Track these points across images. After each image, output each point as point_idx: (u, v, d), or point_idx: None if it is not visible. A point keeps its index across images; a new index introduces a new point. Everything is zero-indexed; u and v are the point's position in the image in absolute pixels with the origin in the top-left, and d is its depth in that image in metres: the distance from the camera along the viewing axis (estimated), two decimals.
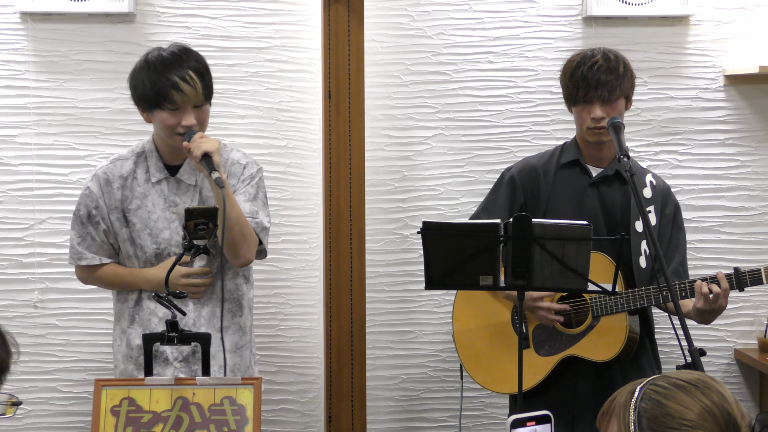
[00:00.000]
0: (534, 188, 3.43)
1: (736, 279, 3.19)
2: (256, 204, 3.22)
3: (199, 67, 3.14)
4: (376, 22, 3.97)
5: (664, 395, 1.61)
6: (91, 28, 3.91)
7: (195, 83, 3.08)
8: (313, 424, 4.06)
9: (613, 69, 3.27)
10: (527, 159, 3.53)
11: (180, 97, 3.07)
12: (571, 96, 3.33)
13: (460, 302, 3.53)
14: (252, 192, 3.23)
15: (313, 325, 4.04)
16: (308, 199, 4.02)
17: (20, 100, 3.91)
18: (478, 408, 4.11)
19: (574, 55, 3.38)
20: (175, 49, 3.15)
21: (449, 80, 4.04)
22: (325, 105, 3.75)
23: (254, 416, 2.57)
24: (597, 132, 3.29)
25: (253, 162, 3.28)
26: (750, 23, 4.07)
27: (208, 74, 3.17)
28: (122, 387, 2.61)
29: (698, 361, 2.71)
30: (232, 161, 3.24)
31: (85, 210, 3.23)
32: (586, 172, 3.40)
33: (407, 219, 4.06)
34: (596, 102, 3.27)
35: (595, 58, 3.29)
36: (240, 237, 3.11)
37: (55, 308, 3.95)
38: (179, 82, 3.07)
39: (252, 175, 3.24)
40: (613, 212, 3.36)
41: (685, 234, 3.46)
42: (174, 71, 3.08)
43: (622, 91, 3.28)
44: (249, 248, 3.15)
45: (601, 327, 3.32)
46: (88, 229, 3.24)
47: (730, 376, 4.16)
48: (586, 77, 3.26)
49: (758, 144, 4.12)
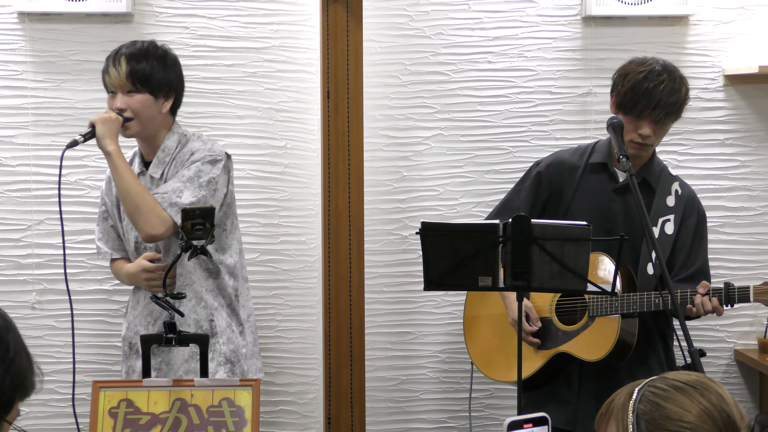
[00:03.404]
0: (560, 185, 3.43)
1: (725, 294, 3.23)
2: (186, 184, 3.20)
3: (135, 55, 3.24)
4: (375, 22, 3.96)
5: (663, 397, 1.60)
6: (89, 28, 3.90)
7: (120, 68, 3.22)
8: (312, 426, 4.05)
9: (676, 92, 3.23)
10: (558, 153, 3.52)
11: (108, 80, 3.26)
12: (625, 105, 3.26)
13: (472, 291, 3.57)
14: (187, 174, 3.22)
15: (312, 326, 4.03)
16: (307, 199, 4.01)
17: (18, 100, 3.90)
18: (478, 409, 4.10)
19: (638, 63, 3.30)
20: (141, 42, 3.30)
21: (448, 80, 4.03)
22: (323, 105, 3.74)
23: (253, 418, 2.57)
24: (639, 147, 3.28)
25: (206, 149, 3.27)
26: (750, 23, 4.06)
27: (144, 64, 3.23)
28: (120, 389, 2.60)
29: (698, 361, 2.71)
30: (187, 150, 3.29)
31: (101, 206, 3.45)
32: (613, 177, 3.39)
33: (406, 219, 4.05)
34: (649, 120, 3.24)
35: (662, 77, 3.23)
36: (133, 208, 3.15)
37: (53, 309, 3.95)
38: (109, 66, 3.25)
39: (195, 159, 3.25)
40: (634, 219, 3.34)
41: (706, 246, 3.46)
42: (113, 57, 3.27)
43: (676, 115, 3.26)
44: (147, 221, 3.15)
45: (594, 327, 3.32)
46: (103, 226, 3.44)
47: (729, 376, 4.15)
48: (650, 94, 3.21)
49: (758, 144, 4.11)
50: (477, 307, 3.58)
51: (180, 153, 3.29)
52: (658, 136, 3.27)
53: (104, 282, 3.94)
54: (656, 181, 3.39)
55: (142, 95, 3.23)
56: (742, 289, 3.23)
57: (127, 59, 3.23)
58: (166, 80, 3.27)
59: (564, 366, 3.39)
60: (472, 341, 3.59)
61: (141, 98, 3.24)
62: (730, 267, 4.12)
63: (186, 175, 3.21)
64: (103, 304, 3.93)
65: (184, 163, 3.25)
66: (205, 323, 3.29)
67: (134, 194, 3.15)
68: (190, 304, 3.28)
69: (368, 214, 3.88)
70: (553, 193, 3.43)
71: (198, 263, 3.28)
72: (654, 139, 3.27)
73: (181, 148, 3.30)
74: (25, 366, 1.69)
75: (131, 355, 3.37)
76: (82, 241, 3.92)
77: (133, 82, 3.23)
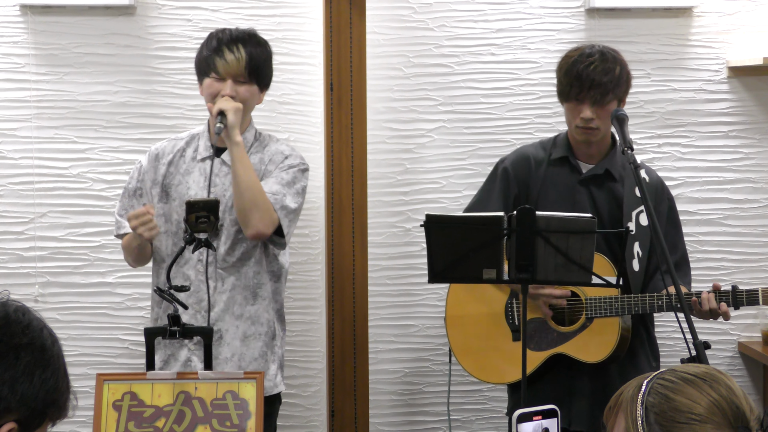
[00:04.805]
0: (526, 180, 3.41)
1: (732, 298, 3.20)
2: (286, 189, 3.22)
3: (252, 44, 3.23)
4: (378, 14, 3.95)
5: (672, 389, 1.59)
6: (92, 20, 3.89)
7: (240, 55, 3.19)
8: (316, 418, 4.05)
9: (609, 71, 3.23)
10: (521, 149, 3.52)
11: (222, 65, 3.19)
12: (563, 92, 3.31)
13: (455, 288, 3.51)
14: (286, 178, 3.24)
15: (316, 319, 4.03)
16: (310, 192, 3.98)
17: (20, 93, 3.89)
18: (481, 402, 4.10)
19: (573, 50, 3.35)
20: (243, 29, 3.29)
21: (451, 72, 4.02)
22: (326, 98, 3.73)
23: (257, 410, 2.56)
24: (585, 132, 3.28)
25: (297, 155, 3.32)
26: (754, 14, 4.05)
27: (261, 56, 3.25)
28: (124, 381, 2.60)
29: (703, 354, 2.70)
30: (275, 150, 3.30)
31: (134, 183, 3.36)
32: (575, 169, 3.38)
33: (409, 212, 4.05)
34: (587, 102, 3.24)
35: (592, 57, 3.25)
36: (251, 203, 3.11)
37: (56, 302, 3.94)
38: (225, 50, 3.18)
39: (291, 164, 3.28)
40: (602, 212, 3.33)
41: (682, 231, 3.44)
42: (226, 44, 3.21)
43: (615, 95, 3.25)
44: (261, 219, 3.13)
45: (593, 328, 3.30)
46: (132, 202, 3.34)
47: (733, 369, 4.15)
48: (581, 76, 3.23)
49: (762, 136, 4.10)
50: (460, 307, 3.50)
51: (265, 151, 3.28)
52: (601, 118, 3.25)
53: (107, 275, 3.93)
54: (619, 172, 3.37)
55: (250, 86, 3.23)
56: (750, 292, 3.21)
57: (245, 46, 3.21)
58: (270, 74, 3.32)
59: (555, 364, 3.37)
60: (459, 349, 3.50)
61: (250, 89, 3.23)
62: (734, 259, 4.11)
63: (285, 179, 3.23)
64: (107, 297, 3.92)
65: (277, 164, 3.25)
66: (276, 324, 3.34)
67: (255, 190, 3.12)
68: (264, 303, 3.29)
69: (371, 207, 3.87)
70: (521, 189, 3.42)
71: (267, 263, 3.28)
72: (598, 121, 3.26)
73: (260, 145, 3.30)
74: (62, 385, 1.70)
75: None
76: (85, 234, 3.92)
77: (249, 71, 3.21)
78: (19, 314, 1.69)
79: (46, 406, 1.67)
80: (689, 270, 3.43)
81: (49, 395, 1.67)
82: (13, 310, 1.69)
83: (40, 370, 1.66)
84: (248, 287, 3.25)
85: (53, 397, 1.68)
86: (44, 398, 1.66)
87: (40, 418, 1.67)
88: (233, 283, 3.23)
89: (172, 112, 3.93)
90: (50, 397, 1.67)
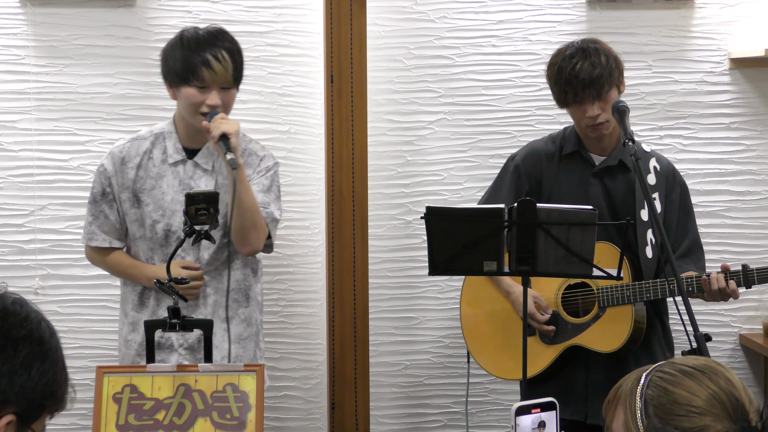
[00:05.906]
0: (538, 175, 3.41)
1: (743, 276, 3.18)
2: (268, 195, 3.21)
3: (232, 48, 3.15)
4: (379, 5, 3.93)
5: (671, 382, 1.59)
6: (92, 12, 3.88)
7: (226, 63, 3.10)
8: (316, 411, 4.05)
9: (596, 64, 3.22)
10: (532, 144, 3.51)
11: (209, 74, 3.08)
12: (560, 100, 3.30)
13: (469, 285, 3.51)
14: (266, 183, 3.22)
15: (316, 312, 4.02)
16: (310, 184, 4.00)
17: (20, 85, 3.88)
18: (482, 394, 4.10)
19: (554, 55, 3.33)
20: (212, 29, 3.17)
21: (452, 64, 4.01)
22: (327, 89, 3.72)
23: (257, 403, 2.56)
24: (596, 129, 3.27)
25: (270, 155, 3.28)
26: (755, 6, 4.03)
27: (240, 58, 3.17)
28: (124, 374, 2.59)
29: (704, 346, 2.70)
30: (249, 152, 3.24)
31: (100, 188, 3.24)
32: (588, 162, 3.38)
33: (410, 204, 4.04)
34: (588, 101, 3.23)
35: (575, 58, 3.24)
36: (251, 224, 3.10)
37: (56, 295, 3.94)
38: (211, 59, 3.08)
39: (268, 167, 3.24)
40: (616, 202, 3.34)
41: (694, 217, 3.44)
42: (207, 49, 3.10)
43: (610, 84, 3.24)
44: (258, 237, 3.14)
45: (606, 318, 3.30)
46: (101, 207, 3.23)
47: (735, 361, 4.15)
48: (571, 80, 3.22)
49: (763, 128, 4.10)
50: (474, 305, 3.51)
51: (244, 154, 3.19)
52: (606, 110, 3.25)
53: None
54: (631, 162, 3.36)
55: (233, 90, 3.16)
56: (761, 270, 3.19)
57: (228, 53, 3.11)
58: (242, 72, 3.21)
59: (571, 358, 3.37)
60: (475, 347, 3.51)
61: (233, 94, 3.17)
62: (736, 251, 4.11)
63: (266, 185, 3.20)
64: (107, 290, 3.92)
65: (254, 168, 3.21)
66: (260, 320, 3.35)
67: (255, 210, 3.10)
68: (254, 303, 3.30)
69: (372, 199, 3.86)
70: (533, 184, 3.41)
71: (245, 262, 3.26)
72: (605, 114, 3.25)
73: None
74: (60, 377, 1.70)
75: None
76: None
77: (235, 78, 3.14)
78: (17, 306, 1.69)
79: (45, 398, 1.67)
80: (702, 254, 3.43)
81: (47, 387, 1.67)
82: (11, 303, 1.69)
83: (38, 362, 1.66)
84: (240, 290, 3.27)
85: (51, 389, 1.68)
86: (42, 390, 1.66)
87: (38, 410, 1.67)
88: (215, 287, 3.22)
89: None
90: (48, 389, 1.67)
